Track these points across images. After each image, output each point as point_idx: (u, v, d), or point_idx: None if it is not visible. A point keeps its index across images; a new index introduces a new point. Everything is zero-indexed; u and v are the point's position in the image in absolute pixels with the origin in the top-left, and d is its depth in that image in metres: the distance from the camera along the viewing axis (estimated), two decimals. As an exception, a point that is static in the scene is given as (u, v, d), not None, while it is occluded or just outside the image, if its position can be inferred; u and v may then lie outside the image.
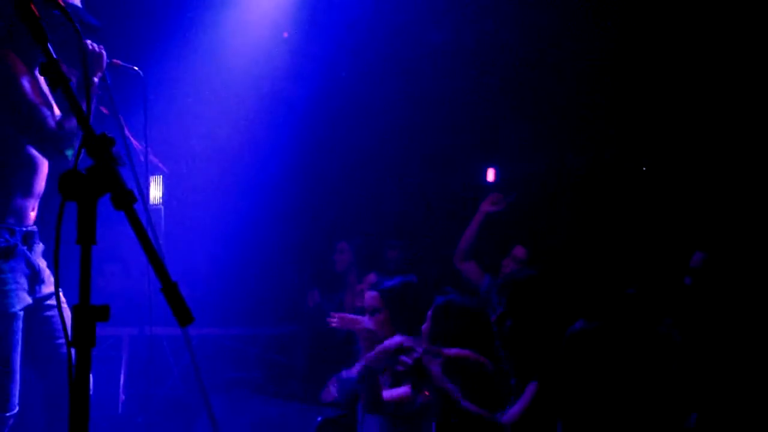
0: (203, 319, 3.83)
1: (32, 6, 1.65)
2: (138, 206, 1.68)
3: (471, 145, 7.43)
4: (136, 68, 3.59)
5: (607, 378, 2.34)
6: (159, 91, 4.03)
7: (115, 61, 3.49)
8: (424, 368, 2.92)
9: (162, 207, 6.37)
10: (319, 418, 4.29)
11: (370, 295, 3.90)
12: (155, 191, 6.53)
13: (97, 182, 1.61)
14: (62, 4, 1.76)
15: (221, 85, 6.26)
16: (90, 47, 3.38)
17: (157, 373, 5.54)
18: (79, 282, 1.63)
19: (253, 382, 5.76)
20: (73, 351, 2.83)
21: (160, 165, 4.93)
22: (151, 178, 6.53)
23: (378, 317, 3.87)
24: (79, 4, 3.44)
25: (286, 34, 6.25)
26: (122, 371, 5.61)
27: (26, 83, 3.25)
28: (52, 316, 3.43)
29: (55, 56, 1.64)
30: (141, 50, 3.70)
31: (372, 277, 6.00)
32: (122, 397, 5.53)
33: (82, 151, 1.63)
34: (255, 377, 5.86)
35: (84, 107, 1.63)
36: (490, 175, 7.66)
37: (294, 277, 6.75)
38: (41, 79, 3.40)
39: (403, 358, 2.96)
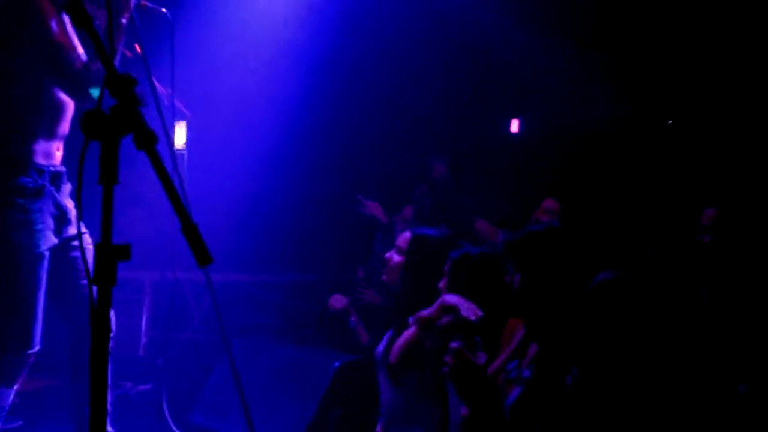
0: (224, 265, 3.85)
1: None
2: (163, 150, 1.68)
3: (496, 96, 7.36)
4: (164, 10, 3.57)
5: (639, 327, 2.28)
6: (185, 33, 4.00)
7: (143, 2, 3.48)
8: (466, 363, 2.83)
9: (185, 152, 6.40)
10: (337, 363, 4.33)
11: (404, 237, 3.87)
12: (179, 136, 6.55)
13: (120, 122, 1.62)
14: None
15: (247, 29, 6.22)
16: None
17: (179, 318, 5.60)
18: (101, 221, 1.64)
19: (272, 328, 5.81)
20: (94, 289, 2.88)
21: (185, 110, 4.94)
22: (176, 123, 6.55)
23: (398, 260, 3.85)
24: None
25: None
26: (144, 315, 5.68)
27: (53, 24, 3.25)
28: (78, 257, 3.47)
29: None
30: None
31: (408, 211, 6.01)
32: (143, 339, 5.61)
33: (105, 91, 1.64)
34: (274, 323, 5.92)
35: (108, 48, 1.62)
36: (514, 126, 7.60)
37: (315, 225, 6.77)
38: (68, 20, 3.40)
39: (447, 358, 2.86)
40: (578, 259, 2.80)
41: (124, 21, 3.40)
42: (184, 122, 6.29)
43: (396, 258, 3.83)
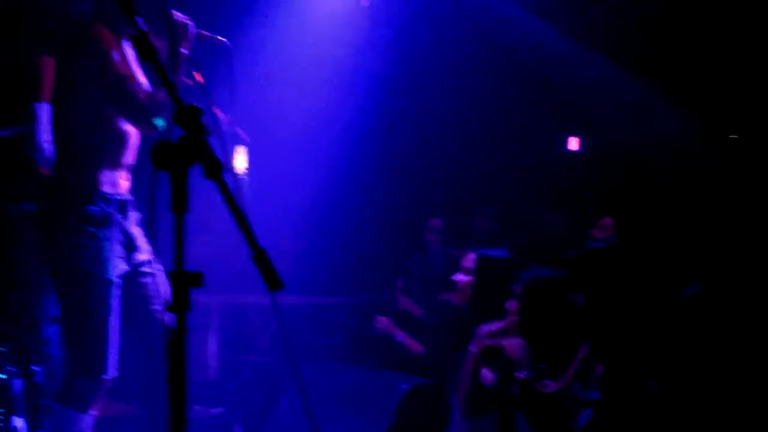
0: (290, 288, 3.87)
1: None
2: (227, 176, 1.70)
3: (554, 114, 7.31)
4: (223, 39, 3.63)
5: (731, 337, 2.24)
6: (243, 59, 4.06)
7: (202, 32, 3.54)
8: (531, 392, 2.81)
9: (247, 177, 6.48)
10: (405, 386, 4.32)
11: (470, 257, 3.88)
12: (240, 162, 6.64)
13: (188, 152, 1.64)
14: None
15: (304, 55, 6.29)
16: (177, 18, 3.44)
17: (246, 341, 5.66)
18: (174, 250, 1.66)
19: (338, 350, 5.83)
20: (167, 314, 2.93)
21: (245, 136, 5.01)
22: (236, 149, 6.64)
23: (466, 280, 3.85)
24: None
25: (365, 2, 6.22)
26: (212, 338, 5.75)
27: (116, 55, 3.33)
28: (147, 283, 3.54)
29: (144, 29, 1.67)
30: (225, 18, 3.72)
31: (436, 222, 6.01)
32: (213, 363, 5.67)
33: (172, 121, 1.66)
34: (340, 345, 5.94)
35: (173, 79, 1.65)
36: (573, 144, 7.54)
37: (379, 246, 6.78)
38: (129, 51, 3.48)
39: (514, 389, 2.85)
40: (640, 276, 2.75)
41: (184, 51, 3.46)
42: (245, 148, 6.40)
43: (464, 278, 3.83)
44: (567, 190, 6.72)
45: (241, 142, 4.92)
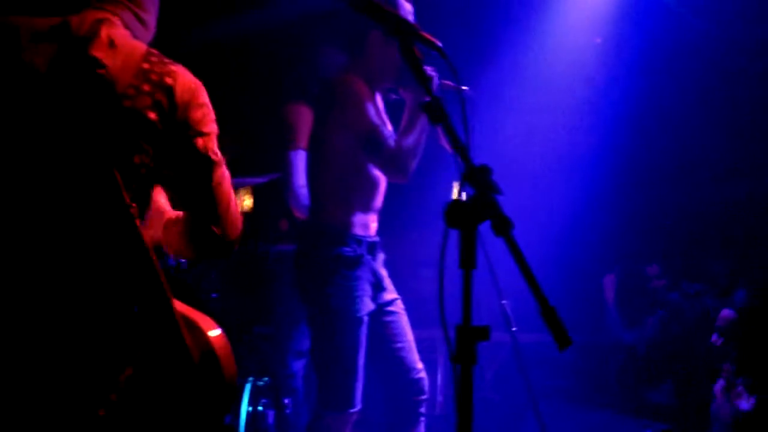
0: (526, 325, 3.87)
1: (415, 49, 1.79)
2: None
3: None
4: (465, 88, 3.72)
5: None
6: (481, 99, 4.12)
7: (445, 82, 3.65)
8: None
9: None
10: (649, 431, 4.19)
11: (726, 314, 3.75)
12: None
13: (478, 210, 1.71)
14: (426, 37, 1.88)
15: (540, 93, 6.26)
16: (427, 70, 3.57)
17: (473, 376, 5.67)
18: (462, 304, 1.73)
19: (568, 390, 5.74)
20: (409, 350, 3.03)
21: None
22: (454, 183, 6.72)
23: (722, 338, 3.71)
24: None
25: (598, 40, 6.16)
26: (439, 373, 5.83)
27: (370, 107, 3.51)
28: (392, 321, 3.68)
29: (437, 94, 1.77)
30: (463, 61, 3.78)
31: (653, 270, 5.77)
32: (440, 398, 5.75)
33: (463, 181, 1.74)
34: (570, 385, 5.83)
35: (464, 142, 1.73)
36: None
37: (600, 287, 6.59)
38: (378, 102, 3.66)
39: None
40: None
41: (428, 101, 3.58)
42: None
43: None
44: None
45: None
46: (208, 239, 2.06)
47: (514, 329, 3.74)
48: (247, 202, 4.87)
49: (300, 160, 4.37)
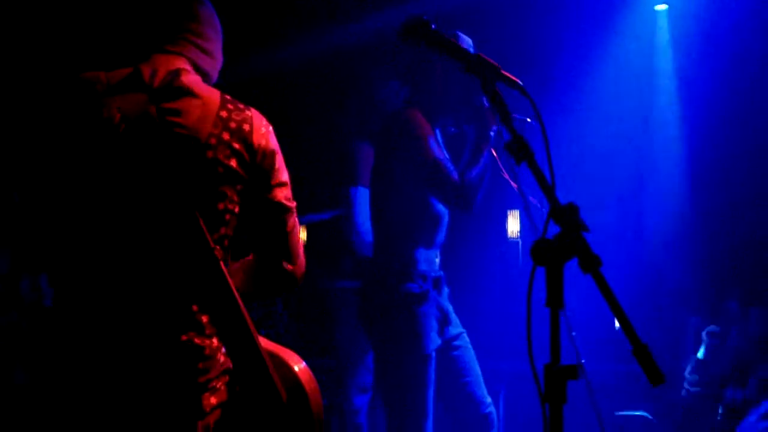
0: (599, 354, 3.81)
1: (497, 88, 1.80)
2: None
3: None
4: (528, 120, 3.72)
5: None
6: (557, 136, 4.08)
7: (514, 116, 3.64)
8: None
9: (520, 240, 6.51)
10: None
11: None
12: (513, 225, 6.70)
13: (565, 248, 1.70)
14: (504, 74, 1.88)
15: (610, 114, 6.14)
16: (487, 104, 3.58)
17: (532, 407, 5.60)
18: (550, 343, 1.72)
19: (644, 420, 5.61)
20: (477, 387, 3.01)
21: (536, 202, 5.05)
22: (509, 212, 6.70)
23: None
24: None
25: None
26: (501, 404, 5.78)
27: (432, 140, 3.52)
28: (459, 356, 3.66)
29: (520, 133, 1.77)
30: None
31: (755, 313, 5.59)
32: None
33: (551, 220, 1.74)
34: (645, 416, 5.70)
35: (550, 181, 1.74)
36: None
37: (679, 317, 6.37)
38: (439, 136, 3.67)
39: None
40: None
41: (492, 134, 3.60)
42: (518, 211, 6.48)
43: None
44: None
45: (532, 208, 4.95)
46: (279, 276, 2.14)
47: (583, 361, 3.73)
48: (302, 235, 4.91)
49: (361, 196, 4.39)
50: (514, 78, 1.84)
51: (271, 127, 2.12)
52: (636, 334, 1.66)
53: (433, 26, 1.87)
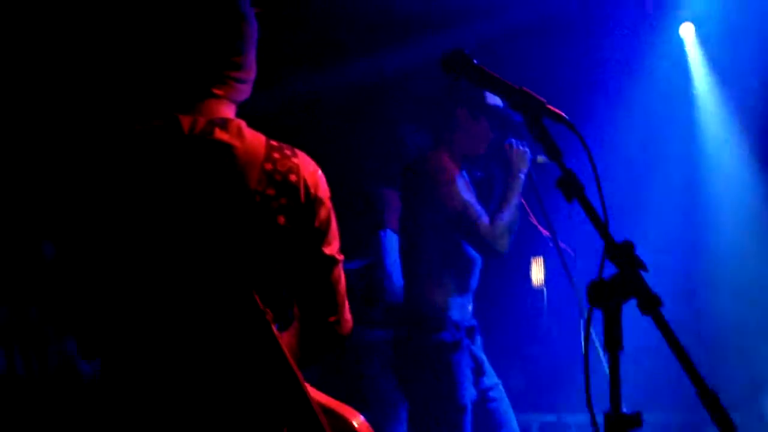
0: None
1: (543, 125, 1.73)
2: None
3: None
4: (540, 159, 3.66)
5: None
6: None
7: (538, 158, 3.59)
8: None
9: (544, 289, 6.37)
10: None
11: None
12: (537, 272, 6.57)
13: (622, 288, 1.62)
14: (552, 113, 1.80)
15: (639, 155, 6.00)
16: (516, 146, 3.54)
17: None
18: (610, 389, 1.62)
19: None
20: None
21: (568, 249, 4.95)
22: (532, 259, 6.59)
23: None
24: (500, 104, 3.54)
25: None
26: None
27: (461, 183, 3.46)
28: (495, 409, 3.55)
29: (571, 170, 1.69)
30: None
31: None
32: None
33: (604, 257, 1.65)
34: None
35: (603, 218, 1.66)
36: None
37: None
38: (465, 175, 3.61)
39: None
40: None
41: (522, 176, 3.54)
42: (542, 258, 6.36)
43: None
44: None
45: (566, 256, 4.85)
46: (328, 333, 1.99)
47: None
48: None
49: (390, 241, 4.32)
50: (560, 113, 1.76)
51: (319, 172, 1.94)
52: (703, 382, 1.56)
53: (475, 61, 1.80)
